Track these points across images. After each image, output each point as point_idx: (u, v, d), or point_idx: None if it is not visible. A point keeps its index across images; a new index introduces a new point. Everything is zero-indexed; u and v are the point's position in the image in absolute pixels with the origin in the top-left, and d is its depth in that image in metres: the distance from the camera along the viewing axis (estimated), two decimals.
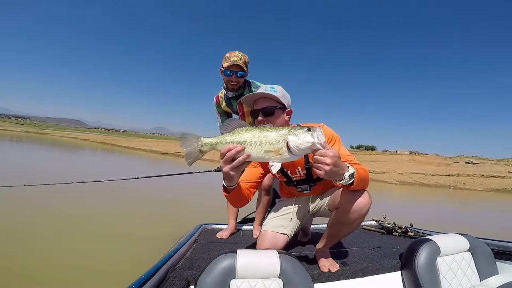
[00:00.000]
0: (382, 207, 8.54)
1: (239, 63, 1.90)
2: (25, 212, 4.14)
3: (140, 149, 32.49)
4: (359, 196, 1.22)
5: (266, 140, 0.94)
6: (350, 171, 1.06)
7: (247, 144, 0.96)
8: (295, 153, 0.94)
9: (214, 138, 1.01)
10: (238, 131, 0.98)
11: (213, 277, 1.02)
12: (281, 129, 0.96)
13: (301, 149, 0.93)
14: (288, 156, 0.95)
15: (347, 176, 1.05)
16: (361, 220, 1.30)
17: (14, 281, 2.29)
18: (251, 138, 0.95)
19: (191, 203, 6.18)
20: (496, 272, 1.47)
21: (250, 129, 0.98)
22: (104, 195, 5.87)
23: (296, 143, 0.92)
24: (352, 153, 8.43)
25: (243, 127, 0.99)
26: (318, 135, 0.93)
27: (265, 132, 0.96)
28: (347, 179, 1.05)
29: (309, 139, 0.92)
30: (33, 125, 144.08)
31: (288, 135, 0.93)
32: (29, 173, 7.51)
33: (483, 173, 23.52)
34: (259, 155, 0.96)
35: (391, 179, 19.92)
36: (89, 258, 2.80)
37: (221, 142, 0.99)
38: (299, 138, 0.92)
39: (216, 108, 2.29)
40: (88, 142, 38.38)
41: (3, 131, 46.62)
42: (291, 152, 0.93)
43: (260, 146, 0.95)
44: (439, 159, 33.56)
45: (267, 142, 0.94)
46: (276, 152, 0.94)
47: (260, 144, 0.95)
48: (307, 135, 0.92)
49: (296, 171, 1.52)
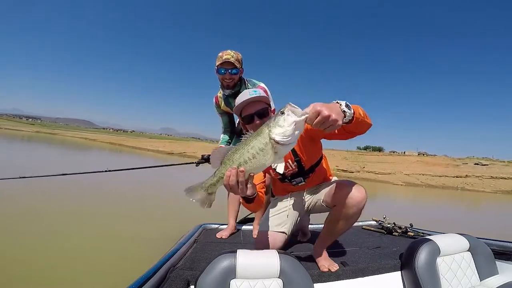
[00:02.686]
0: (383, 208, 8.42)
1: (231, 60, 1.93)
2: (25, 211, 4.11)
3: (147, 149, 32.93)
4: (356, 191, 1.24)
5: (255, 150, 0.91)
6: (342, 102, 0.97)
7: (243, 164, 0.93)
8: (288, 141, 0.88)
9: (212, 177, 0.99)
10: (228, 158, 0.96)
11: (213, 277, 1.02)
12: (259, 131, 0.91)
13: (289, 134, 0.86)
14: (284, 149, 0.91)
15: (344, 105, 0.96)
16: (358, 215, 1.31)
17: (14, 281, 2.28)
18: (242, 158, 0.93)
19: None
20: (496, 272, 1.45)
21: (236, 149, 0.95)
22: (104, 195, 5.90)
23: (282, 133, 0.87)
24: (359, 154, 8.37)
25: (228, 151, 0.96)
26: (292, 110, 0.87)
27: (250, 143, 0.92)
28: (345, 108, 0.96)
29: (290, 120, 0.86)
30: (44, 126, 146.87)
31: (270, 132, 0.88)
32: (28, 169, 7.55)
33: (493, 174, 23.05)
34: (259, 166, 0.93)
35: (397, 180, 19.70)
36: (89, 258, 2.80)
37: (220, 177, 0.97)
38: (281, 127, 0.87)
39: (216, 108, 2.30)
40: (96, 142, 39.01)
41: (15, 131, 47.71)
42: (284, 144, 0.88)
43: (254, 158, 0.91)
44: (447, 160, 33.00)
45: (258, 151, 0.90)
46: (272, 154, 0.90)
47: (253, 157, 0.91)
48: (286, 119, 0.86)
49: (288, 165, 1.51)
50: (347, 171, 22.73)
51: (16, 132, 43.83)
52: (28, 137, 31.86)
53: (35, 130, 63.51)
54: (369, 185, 16.75)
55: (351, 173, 22.02)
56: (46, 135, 44.97)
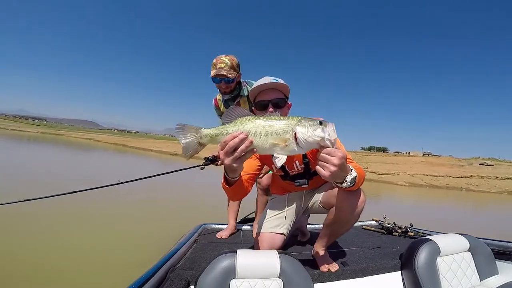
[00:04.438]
0: (385, 208, 8.35)
1: (224, 72, 1.90)
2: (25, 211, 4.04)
3: (150, 150, 33.16)
4: (355, 194, 1.20)
5: (272, 130, 0.86)
6: (353, 174, 1.01)
7: (251, 135, 0.86)
8: (302, 146, 0.86)
9: (215, 128, 0.91)
10: (241, 121, 0.88)
11: (213, 277, 1.02)
12: (289, 118, 0.88)
13: (308, 142, 0.85)
14: (295, 148, 0.87)
15: (349, 179, 0.99)
16: (357, 218, 1.29)
17: (14, 280, 2.29)
18: (255, 128, 0.86)
19: (191, 203, 6.14)
20: (496, 272, 1.45)
21: (254, 118, 0.89)
22: (104, 195, 5.81)
23: (304, 135, 0.84)
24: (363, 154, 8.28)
25: (246, 116, 0.90)
26: (330, 131, 0.85)
27: (272, 121, 0.87)
28: (348, 182, 1.00)
29: (319, 133, 0.84)
30: (49, 126, 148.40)
31: (297, 125, 0.86)
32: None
33: (498, 175, 22.75)
34: (264, 147, 0.87)
35: (401, 180, 19.56)
36: (89, 258, 2.79)
37: (222, 133, 0.89)
38: (308, 130, 0.84)
39: (216, 110, 2.31)
40: (101, 143, 39.31)
41: (20, 132, 48.27)
42: (298, 144, 0.86)
43: (266, 136, 0.86)
44: (452, 160, 32.69)
45: (273, 132, 0.86)
46: (283, 143, 0.86)
47: (266, 134, 0.86)
48: (317, 129, 0.85)
49: (294, 165, 1.48)
50: None
51: (21, 133, 44.30)
52: (34, 138, 32.17)
53: (40, 131, 64.26)
54: (372, 185, 16.65)
55: None
56: (51, 136, 45.43)
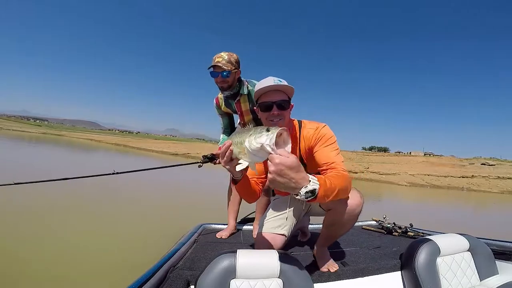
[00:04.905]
0: (385, 208, 8.36)
1: (220, 64, 1.92)
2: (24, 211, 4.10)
3: (152, 150, 33.22)
4: (350, 198, 1.19)
5: (239, 140, 0.96)
6: (311, 187, 0.86)
7: (233, 144, 1.00)
8: (251, 152, 0.88)
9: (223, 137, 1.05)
10: (234, 133, 1.07)
11: (213, 277, 1.02)
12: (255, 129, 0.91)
13: (253, 149, 0.86)
14: (249, 155, 0.90)
15: (303, 192, 0.85)
16: (355, 220, 1.29)
17: (14, 280, 2.29)
18: (236, 139, 1.00)
19: (191, 203, 6.15)
20: (496, 272, 1.44)
21: (242, 131, 0.98)
22: (104, 194, 5.90)
23: (249, 142, 0.88)
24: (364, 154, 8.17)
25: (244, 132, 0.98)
26: (271, 137, 0.82)
27: (245, 132, 0.94)
28: (302, 195, 0.86)
29: (260, 140, 0.84)
30: (51, 127, 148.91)
31: (249, 135, 0.89)
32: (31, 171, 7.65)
33: (500, 174, 22.71)
34: (237, 155, 1.00)
35: (402, 180, 19.52)
36: (89, 258, 2.79)
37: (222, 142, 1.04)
38: (253, 138, 0.87)
39: (217, 109, 2.32)
40: (102, 144, 39.36)
41: (22, 133, 48.40)
42: (250, 152, 0.89)
43: (236, 146, 0.98)
44: (454, 160, 32.61)
45: (238, 142, 0.96)
46: (243, 151, 0.94)
47: (236, 144, 0.98)
48: (262, 136, 0.84)
49: None
50: (351, 172, 22.58)
51: (23, 134, 44.42)
52: (36, 138, 32.28)
53: (42, 132, 64.41)
54: (373, 185, 16.63)
55: (355, 174, 21.86)
56: (53, 137, 45.53)
